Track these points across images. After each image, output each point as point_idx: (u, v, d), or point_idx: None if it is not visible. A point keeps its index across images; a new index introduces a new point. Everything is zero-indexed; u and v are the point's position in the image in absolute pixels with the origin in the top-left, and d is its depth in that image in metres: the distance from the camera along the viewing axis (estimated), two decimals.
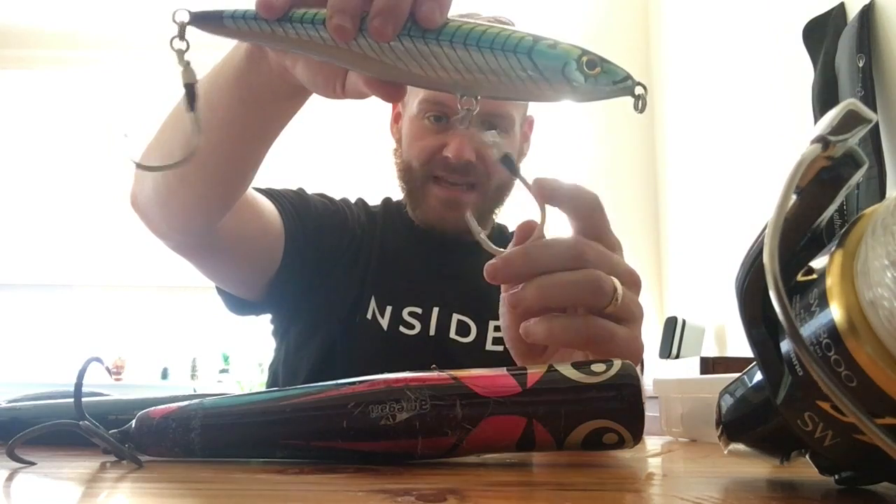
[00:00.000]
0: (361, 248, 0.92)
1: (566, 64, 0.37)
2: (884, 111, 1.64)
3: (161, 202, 0.67)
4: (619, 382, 0.39)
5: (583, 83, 0.37)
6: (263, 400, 0.41)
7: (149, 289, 3.60)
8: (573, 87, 0.37)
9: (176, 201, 0.66)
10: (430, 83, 0.39)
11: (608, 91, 0.38)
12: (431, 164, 0.88)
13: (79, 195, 3.61)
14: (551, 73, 0.37)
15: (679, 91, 2.97)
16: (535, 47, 0.37)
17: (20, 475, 0.34)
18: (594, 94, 0.38)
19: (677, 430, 0.66)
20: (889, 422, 0.24)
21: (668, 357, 2.50)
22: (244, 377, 3.44)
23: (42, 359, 3.51)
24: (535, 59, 0.37)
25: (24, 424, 0.39)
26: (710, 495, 0.30)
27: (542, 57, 0.37)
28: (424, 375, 0.39)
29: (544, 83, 0.38)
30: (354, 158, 3.25)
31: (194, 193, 0.64)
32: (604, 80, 0.37)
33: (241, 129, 0.57)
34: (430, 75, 0.39)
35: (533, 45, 0.37)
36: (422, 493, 0.28)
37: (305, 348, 0.90)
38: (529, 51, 0.37)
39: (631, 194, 3.17)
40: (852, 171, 0.28)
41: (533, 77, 0.37)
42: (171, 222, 0.69)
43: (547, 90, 0.38)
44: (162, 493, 0.31)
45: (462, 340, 0.88)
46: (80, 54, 3.63)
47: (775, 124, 2.17)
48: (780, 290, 0.24)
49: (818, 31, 1.86)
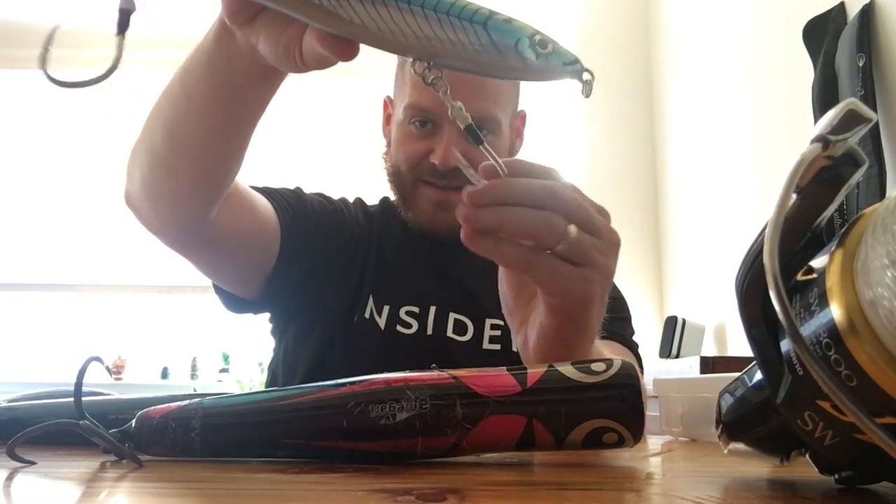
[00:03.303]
0: (359, 248, 0.93)
1: (519, 40, 0.38)
2: (884, 111, 1.64)
3: (149, 195, 0.68)
4: (619, 382, 0.39)
5: (534, 61, 0.38)
6: (263, 400, 0.41)
7: (149, 289, 3.60)
8: (525, 63, 0.38)
9: (163, 193, 0.66)
10: (385, 44, 0.39)
11: (558, 71, 0.39)
12: (419, 169, 0.89)
13: (79, 195, 3.61)
14: (504, 47, 0.38)
15: (679, 91, 2.97)
16: (490, 20, 0.38)
17: (20, 475, 0.34)
18: (544, 74, 0.39)
19: (677, 429, 0.66)
20: (889, 421, 0.24)
21: (668, 356, 2.50)
22: (244, 377, 3.44)
23: (42, 359, 3.51)
24: (490, 31, 0.38)
25: (23, 424, 0.39)
26: (710, 495, 0.30)
27: (497, 31, 0.38)
28: (424, 375, 0.39)
29: (497, 56, 0.38)
30: (353, 158, 3.25)
31: (180, 183, 0.65)
32: (555, 59, 0.38)
33: (220, 115, 0.58)
34: (387, 37, 0.39)
35: (488, 18, 0.38)
36: (422, 492, 0.28)
37: (303, 347, 0.90)
38: (485, 22, 0.38)
39: (631, 194, 3.17)
40: (852, 171, 0.28)
41: (487, 48, 0.38)
42: (162, 215, 0.69)
43: (500, 64, 0.38)
44: (162, 493, 0.31)
45: (459, 339, 0.88)
46: (79, 54, 3.63)
47: (775, 124, 2.17)
48: (780, 290, 0.24)
49: (818, 31, 1.86)
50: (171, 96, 0.60)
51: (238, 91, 0.56)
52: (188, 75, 0.57)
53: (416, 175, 0.89)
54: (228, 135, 0.60)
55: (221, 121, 0.59)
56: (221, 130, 0.60)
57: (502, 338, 0.88)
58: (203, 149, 0.61)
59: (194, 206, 0.68)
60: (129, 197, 0.70)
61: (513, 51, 0.38)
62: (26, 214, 3.64)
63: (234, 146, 0.62)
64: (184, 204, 0.67)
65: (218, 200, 0.68)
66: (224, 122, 0.59)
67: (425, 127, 0.88)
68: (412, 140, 0.89)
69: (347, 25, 0.39)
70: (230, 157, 0.63)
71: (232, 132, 0.60)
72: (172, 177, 0.64)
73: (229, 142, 0.61)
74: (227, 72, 0.54)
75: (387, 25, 0.38)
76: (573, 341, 0.50)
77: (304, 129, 3.13)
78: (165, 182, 0.65)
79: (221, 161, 0.64)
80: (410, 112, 0.88)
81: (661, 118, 3.15)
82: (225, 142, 0.61)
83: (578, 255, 0.46)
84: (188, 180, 0.64)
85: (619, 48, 3.19)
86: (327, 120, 3.21)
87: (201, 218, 0.69)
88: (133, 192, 0.69)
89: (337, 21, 0.39)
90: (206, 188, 0.66)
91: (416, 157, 0.88)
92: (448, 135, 0.85)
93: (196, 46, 0.56)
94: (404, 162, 0.90)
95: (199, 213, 0.68)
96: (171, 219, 0.69)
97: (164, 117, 0.61)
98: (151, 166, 0.64)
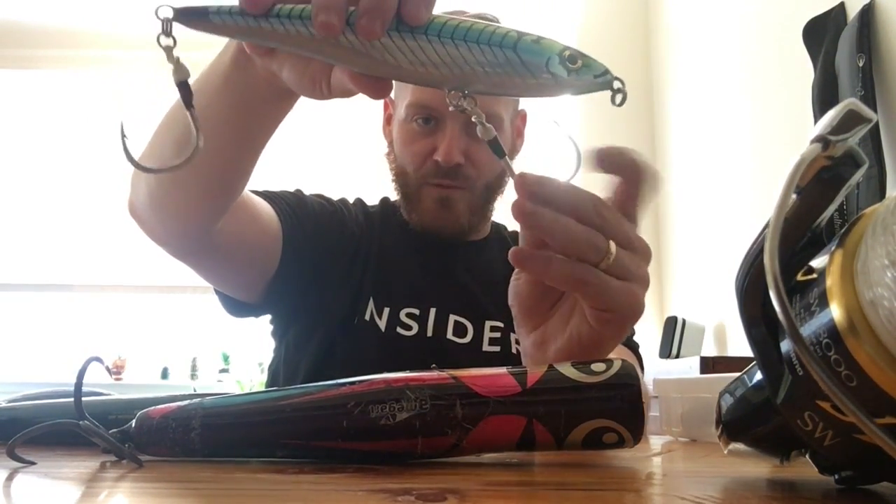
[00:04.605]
0: (359, 250, 0.93)
1: (549, 59, 0.38)
2: (884, 111, 1.64)
3: (156, 207, 0.67)
4: (619, 382, 0.39)
5: (566, 77, 0.38)
6: (263, 400, 0.41)
7: (149, 289, 3.60)
8: (557, 80, 0.38)
9: (171, 206, 0.66)
10: (418, 78, 0.40)
11: (590, 84, 0.39)
12: (424, 170, 0.89)
13: (78, 195, 3.61)
14: (536, 67, 0.38)
15: (679, 91, 2.97)
16: (519, 42, 0.38)
17: (20, 475, 0.34)
18: (577, 88, 0.39)
19: (677, 429, 0.66)
20: (889, 421, 0.24)
21: (668, 356, 2.50)
22: (244, 377, 3.44)
23: (42, 359, 3.51)
24: (520, 53, 0.38)
25: (23, 424, 0.39)
26: (710, 495, 0.30)
27: (526, 51, 0.38)
28: (424, 375, 0.39)
29: (529, 77, 0.38)
30: (351, 158, 3.25)
31: (189, 197, 0.64)
32: (585, 73, 0.38)
33: (233, 134, 0.57)
34: (419, 70, 0.39)
35: (517, 40, 0.38)
36: (422, 492, 0.28)
37: (304, 349, 0.90)
38: (514, 45, 0.38)
39: None
40: (852, 171, 0.28)
41: (518, 71, 0.38)
42: (168, 227, 0.69)
43: (532, 84, 0.39)
44: (162, 493, 0.31)
45: (459, 341, 0.88)
46: (80, 54, 3.63)
47: (775, 124, 2.17)
48: (780, 290, 0.24)
49: (818, 31, 1.86)
50: (173, 126, 0.60)
51: (254, 111, 0.55)
52: (202, 95, 0.54)
53: (421, 177, 0.89)
54: (241, 151, 0.60)
55: (235, 139, 0.58)
56: (235, 147, 0.59)
57: (502, 340, 0.88)
58: (215, 164, 0.60)
59: (202, 218, 0.67)
60: (134, 208, 0.70)
61: (544, 70, 0.38)
62: (26, 215, 3.64)
63: (247, 161, 0.61)
64: (192, 216, 0.67)
65: (226, 212, 0.68)
66: (237, 140, 0.58)
67: (428, 124, 0.88)
68: (416, 138, 0.89)
69: (381, 66, 0.39)
70: (241, 172, 0.63)
71: (245, 148, 0.60)
72: (182, 190, 0.64)
73: (242, 158, 0.61)
74: (243, 94, 0.53)
75: (419, 60, 0.39)
76: (607, 348, 0.49)
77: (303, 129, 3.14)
78: (174, 195, 0.64)
79: (232, 175, 0.63)
80: (413, 110, 0.88)
81: (661, 118, 3.14)
82: (237, 158, 0.61)
83: (621, 272, 0.46)
84: (198, 194, 0.64)
85: (618, 48, 3.19)
86: (327, 120, 3.22)
87: (208, 229, 0.69)
88: (138, 204, 0.69)
89: (370, 62, 0.39)
90: (216, 201, 0.66)
91: (422, 157, 0.88)
92: (451, 131, 0.86)
93: (210, 66, 0.55)
94: (410, 163, 0.90)
95: (207, 224, 0.68)
96: (178, 230, 0.69)
97: (174, 133, 0.60)
98: (159, 179, 0.63)
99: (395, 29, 0.39)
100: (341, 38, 0.39)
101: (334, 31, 0.38)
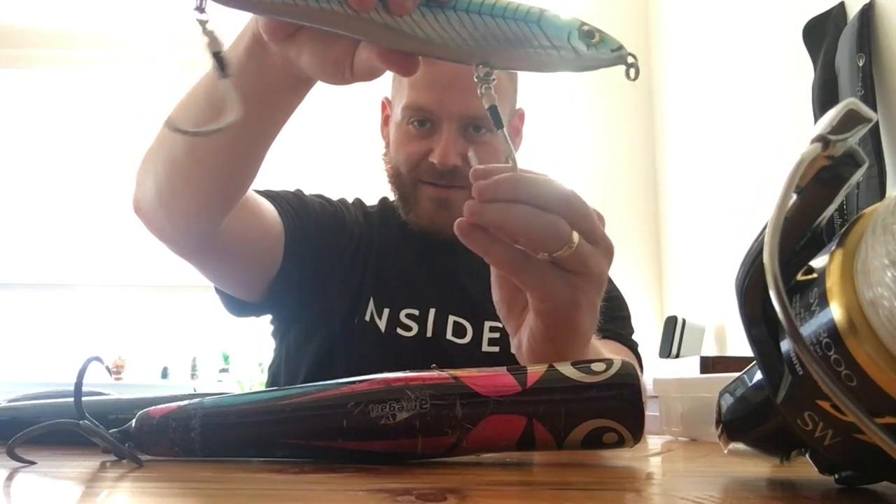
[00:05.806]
0: (359, 250, 0.93)
1: (570, 33, 0.39)
2: (884, 111, 1.64)
3: (164, 204, 0.66)
4: (619, 382, 0.39)
5: (586, 51, 0.39)
6: (263, 400, 0.41)
7: (149, 289, 3.60)
8: (578, 54, 0.39)
9: (180, 203, 0.66)
10: (446, 52, 0.40)
11: (607, 59, 0.40)
12: (418, 170, 0.89)
13: (79, 195, 3.61)
14: (559, 41, 0.39)
15: (679, 90, 2.97)
16: (542, 17, 0.40)
17: (20, 475, 0.34)
18: (595, 62, 0.40)
19: (677, 429, 0.66)
20: (889, 421, 0.24)
21: (668, 356, 2.50)
22: (244, 377, 3.44)
23: (42, 359, 3.51)
24: (544, 27, 0.39)
25: (23, 424, 0.39)
26: (710, 495, 0.30)
27: (550, 26, 0.39)
28: (424, 375, 0.39)
29: (553, 51, 0.40)
30: (351, 158, 3.25)
31: (198, 194, 0.64)
32: (603, 47, 0.40)
33: (244, 126, 0.57)
34: (449, 44, 0.40)
35: (541, 15, 0.40)
36: (422, 492, 0.28)
37: (305, 349, 0.90)
38: (538, 20, 0.39)
39: (631, 194, 3.16)
40: (852, 171, 0.28)
41: (543, 45, 0.39)
42: (176, 224, 0.69)
43: (555, 58, 0.40)
44: (162, 493, 0.31)
45: (458, 342, 0.88)
46: (80, 54, 3.63)
47: (775, 124, 2.17)
48: (780, 290, 0.24)
49: (818, 31, 1.86)
50: (192, 106, 0.59)
51: (266, 102, 0.54)
52: (214, 87, 0.54)
53: (415, 176, 0.89)
54: (253, 143, 0.60)
55: (248, 130, 0.57)
56: (247, 139, 0.59)
57: (501, 340, 0.88)
58: (226, 158, 0.60)
59: (210, 215, 0.67)
60: (139, 205, 0.69)
61: (566, 44, 0.39)
62: (26, 214, 3.64)
63: (256, 156, 0.61)
64: (201, 213, 0.66)
65: (233, 209, 0.68)
66: (250, 131, 0.57)
67: (424, 127, 0.88)
68: (411, 140, 0.89)
69: (411, 41, 0.40)
70: (250, 166, 0.62)
71: (257, 140, 0.59)
72: (191, 186, 0.63)
73: (252, 151, 0.60)
74: (257, 84, 0.52)
75: (448, 35, 0.39)
76: (563, 346, 0.50)
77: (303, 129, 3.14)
78: (183, 191, 0.64)
79: (242, 171, 0.63)
80: (409, 112, 0.88)
81: (661, 118, 3.14)
82: (248, 151, 0.60)
83: (577, 264, 0.46)
84: (207, 189, 0.64)
85: None
86: (327, 120, 3.22)
87: (216, 226, 0.69)
88: (144, 201, 0.68)
89: (400, 37, 0.40)
90: (224, 197, 0.66)
91: (416, 158, 0.88)
92: (447, 134, 0.85)
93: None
94: (404, 163, 0.90)
95: (215, 221, 0.68)
96: (186, 227, 0.69)
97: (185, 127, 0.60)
98: (168, 176, 0.63)
99: (425, 4, 0.39)
100: (373, 13, 0.39)
101: (368, 5, 0.38)
